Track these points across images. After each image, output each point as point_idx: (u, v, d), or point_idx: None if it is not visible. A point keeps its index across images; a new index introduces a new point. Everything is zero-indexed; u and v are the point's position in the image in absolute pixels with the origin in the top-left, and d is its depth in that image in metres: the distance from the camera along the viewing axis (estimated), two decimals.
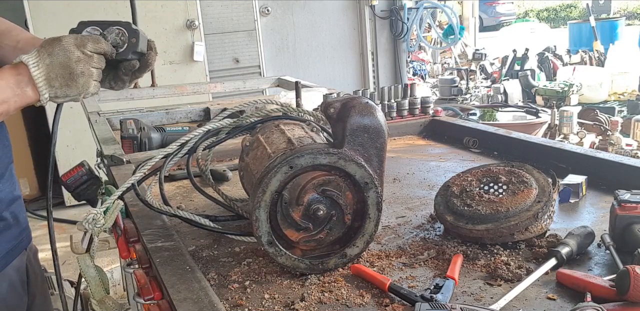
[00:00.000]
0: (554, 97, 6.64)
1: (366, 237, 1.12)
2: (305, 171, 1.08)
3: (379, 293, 1.01)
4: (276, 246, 1.08)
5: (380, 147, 1.14)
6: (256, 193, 1.06)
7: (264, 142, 1.29)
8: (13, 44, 1.48)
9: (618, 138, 4.91)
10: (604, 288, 0.93)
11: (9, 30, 1.52)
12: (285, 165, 1.06)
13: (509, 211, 1.16)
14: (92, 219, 1.20)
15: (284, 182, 1.07)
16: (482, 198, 1.21)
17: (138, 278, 1.12)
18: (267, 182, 1.06)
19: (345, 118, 1.12)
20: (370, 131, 1.13)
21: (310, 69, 6.14)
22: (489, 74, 8.80)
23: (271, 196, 1.07)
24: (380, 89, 2.18)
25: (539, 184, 1.22)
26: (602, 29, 10.34)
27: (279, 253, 1.08)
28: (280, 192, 1.07)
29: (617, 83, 8.12)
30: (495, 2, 18.97)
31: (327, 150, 1.08)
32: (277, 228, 1.09)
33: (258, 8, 5.69)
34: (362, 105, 1.13)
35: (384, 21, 6.45)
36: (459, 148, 1.94)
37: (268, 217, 1.07)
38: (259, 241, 1.07)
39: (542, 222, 1.16)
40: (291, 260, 1.09)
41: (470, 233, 1.17)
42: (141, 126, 2.11)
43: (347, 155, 1.09)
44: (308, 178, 1.09)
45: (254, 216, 1.06)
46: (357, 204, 1.13)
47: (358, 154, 1.11)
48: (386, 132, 1.16)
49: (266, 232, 1.07)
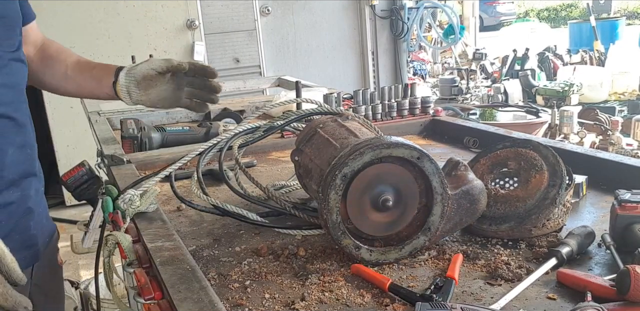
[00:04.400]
0: (555, 96, 6.65)
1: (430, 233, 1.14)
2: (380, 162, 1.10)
3: (379, 293, 1.01)
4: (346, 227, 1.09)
5: (460, 222, 1.17)
6: (340, 164, 1.07)
7: (327, 135, 1.28)
8: (63, 70, 1.50)
9: (618, 138, 4.91)
10: (604, 288, 0.93)
11: (57, 54, 1.53)
12: (380, 149, 1.07)
13: (527, 203, 1.17)
14: (129, 199, 1.22)
15: (366, 164, 1.08)
16: (499, 195, 1.21)
17: (138, 277, 1.12)
18: (360, 156, 1.06)
19: (470, 181, 1.17)
20: (472, 206, 1.16)
21: (310, 68, 6.14)
22: (490, 73, 8.81)
23: (352, 175, 1.07)
24: (381, 89, 2.18)
25: (548, 163, 1.21)
26: (603, 28, 10.35)
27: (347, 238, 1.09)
28: (358, 172, 1.08)
29: (618, 83, 8.13)
30: (496, 2, 18.98)
31: (423, 151, 1.10)
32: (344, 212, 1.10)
33: (258, 8, 5.69)
34: (483, 189, 1.18)
35: (384, 21, 6.44)
36: (459, 148, 1.94)
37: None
38: (327, 208, 1.08)
39: (558, 217, 1.17)
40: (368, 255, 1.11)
41: (496, 235, 1.18)
42: (141, 126, 2.11)
43: (431, 159, 1.11)
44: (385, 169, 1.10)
45: (339, 177, 1.06)
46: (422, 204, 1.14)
47: (449, 206, 1.14)
48: (474, 219, 1.18)
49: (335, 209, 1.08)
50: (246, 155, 1.85)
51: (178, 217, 1.43)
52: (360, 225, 1.12)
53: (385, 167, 1.11)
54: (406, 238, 1.14)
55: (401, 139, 1.12)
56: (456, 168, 1.19)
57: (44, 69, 1.51)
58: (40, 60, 1.51)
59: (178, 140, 2.11)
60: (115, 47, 4.87)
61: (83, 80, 1.50)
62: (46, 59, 1.51)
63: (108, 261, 1.25)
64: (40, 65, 1.50)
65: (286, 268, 1.12)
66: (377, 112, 2.13)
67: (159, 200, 1.48)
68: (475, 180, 1.17)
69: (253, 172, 1.80)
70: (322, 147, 1.25)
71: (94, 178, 1.80)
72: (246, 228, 1.33)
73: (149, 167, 1.81)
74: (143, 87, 1.40)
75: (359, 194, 1.10)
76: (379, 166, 1.10)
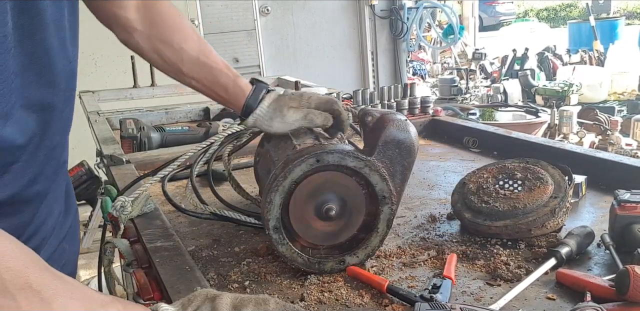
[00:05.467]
0: (554, 96, 6.64)
1: (368, 250, 1.12)
2: (327, 169, 1.08)
3: (378, 293, 1.01)
4: (281, 233, 1.07)
5: (407, 166, 1.14)
6: (277, 178, 1.05)
7: (290, 134, 1.25)
8: (177, 66, 1.24)
9: (618, 138, 4.91)
10: (603, 288, 0.93)
11: (170, 32, 1.23)
12: (313, 157, 1.06)
13: (526, 207, 1.17)
14: (120, 206, 1.22)
15: (305, 173, 1.06)
16: (499, 195, 1.21)
17: (137, 278, 1.12)
18: (291, 169, 1.05)
19: (382, 129, 1.12)
20: (402, 147, 1.13)
21: (310, 68, 6.14)
22: (489, 73, 8.81)
23: (290, 184, 1.06)
24: (380, 89, 2.18)
25: (554, 180, 1.22)
26: (602, 28, 10.36)
27: (281, 241, 1.07)
28: (299, 182, 1.07)
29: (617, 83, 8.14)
30: (495, 2, 18.98)
31: (356, 154, 1.08)
32: (286, 219, 1.09)
33: (258, 8, 5.69)
34: (400, 121, 1.14)
35: (384, 21, 6.44)
36: (458, 147, 1.94)
37: (281, 203, 1.06)
38: (266, 224, 1.07)
39: (558, 217, 1.17)
40: (291, 251, 1.08)
41: (489, 230, 1.18)
42: (141, 126, 2.11)
43: (375, 164, 1.09)
44: (327, 177, 1.08)
45: (268, 198, 1.05)
46: (368, 216, 1.12)
47: (384, 167, 1.11)
48: (416, 153, 1.15)
49: (275, 217, 1.06)
50: (245, 155, 1.84)
51: (177, 217, 1.43)
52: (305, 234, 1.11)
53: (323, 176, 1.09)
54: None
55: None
56: (364, 122, 1.15)
57: (150, 54, 1.25)
58: (147, 39, 1.22)
59: (177, 140, 2.11)
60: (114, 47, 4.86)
61: (203, 89, 1.27)
62: (154, 40, 1.22)
63: (108, 270, 1.25)
64: (146, 43, 1.23)
65: (285, 268, 1.12)
66: None
67: (158, 200, 1.48)
68: (388, 122, 1.13)
69: (252, 172, 1.80)
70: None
71: (93, 178, 1.80)
72: (245, 228, 1.33)
73: (149, 167, 1.80)
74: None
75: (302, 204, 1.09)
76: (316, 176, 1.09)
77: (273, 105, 1.21)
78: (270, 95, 1.22)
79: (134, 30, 1.22)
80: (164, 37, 1.22)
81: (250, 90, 1.22)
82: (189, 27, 1.25)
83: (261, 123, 1.22)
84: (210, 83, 1.23)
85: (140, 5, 1.22)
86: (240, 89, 1.22)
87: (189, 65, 1.22)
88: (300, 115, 1.19)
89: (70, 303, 0.70)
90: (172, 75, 1.27)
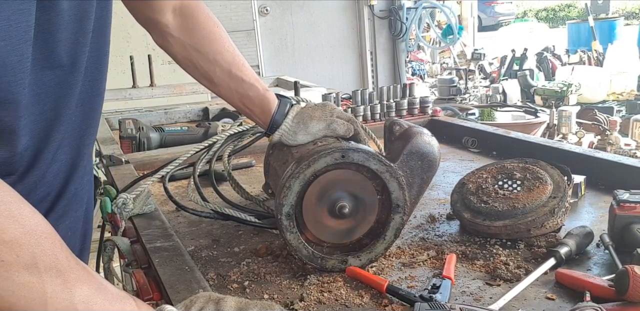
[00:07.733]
0: (553, 96, 6.65)
1: (372, 255, 1.12)
2: (349, 168, 1.08)
3: (377, 293, 1.01)
4: (292, 220, 1.07)
5: (425, 180, 1.16)
6: (300, 165, 1.05)
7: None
8: (209, 76, 1.26)
9: (617, 138, 4.92)
10: (603, 288, 0.93)
11: (206, 43, 1.24)
12: (339, 152, 1.06)
13: (526, 207, 1.17)
14: (122, 203, 1.22)
15: (328, 167, 1.06)
16: (498, 195, 1.22)
17: (137, 278, 1.12)
18: (317, 159, 1.05)
19: (409, 139, 1.14)
20: (425, 160, 1.14)
21: (309, 68, 6.14)
22: (488, 73, 8.83)
23: (311, 174, 1.06)
24: (379, 89, 2.18)
25: (553, 180, 1.22)
26: (601, 28, 10.37)
27: (290, 229, 1.07)
28: (318, 175, 1.07)
29: (616, 83, 8.15)
30: (494, 2, 19.00)
31: (380, 157, 1.08)
32: (297, 210, 1.08)
33: (257, 8, 5.69)
34: (428, 135, 1.17)
35: (383, 21, 6.44)
36: (457, 148, 1.94)
37: (299, 191, 1.06)
38: (279, 210, 1.06)
39: (557, 217, 1.17)
40: (297, 241, 1.07)
41: (488, 230, 1.18)
42: (140, 126, 2.11)
43: (396, 171, 1.09)
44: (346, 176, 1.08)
45: (288, 183, 1.05)
46: (377, 223, 1.13)
47: (404, 176, 1.11)
48: (436, 169, 1.17)
49: (290, 203, 1.06)
50: (245, 155, 1.84)
51: (177, 217, 1.43)
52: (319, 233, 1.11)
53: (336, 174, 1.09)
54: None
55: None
56: (391, 130, 1.18)
57: (184, 61, 1.26)
58: (182, 46, 1.24)
59: (176, 140, 2.11)
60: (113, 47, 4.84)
61: (232, 100, 1.28)
62: (189, 48, 1.24)
63: (107, 267, 1.25)
64: (181, 51, 1.24)
65: (285, 268, 1.12)
66: (375, 112, 2.13)
67: (157, 200, 1.48)
68: (415, 134, 1.16)
69: (252, 172, 1.80)
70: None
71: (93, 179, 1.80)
72: (245, 228, 1.33)
73: (148, 167, 1.80)
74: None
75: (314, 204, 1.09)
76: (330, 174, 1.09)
77: (297, 118, 1.25)
78: (293, 109, 1.26)
79: (170, 36, 1.23)
80: (200, 47, 1.24)
81: (276, 105, 1.25)
82: (225, 39, 1.27)
83: (286, 138, 1.25)
84: (240, 96, 1.26)
85: (177, 12, 1.23)
86: (268, 103, 1.25)
87: (221, 76, 1.24)
88: (324, 125, 1.23)
89: (89, 291, 0.71)
90: (203, 83, 1.29)
